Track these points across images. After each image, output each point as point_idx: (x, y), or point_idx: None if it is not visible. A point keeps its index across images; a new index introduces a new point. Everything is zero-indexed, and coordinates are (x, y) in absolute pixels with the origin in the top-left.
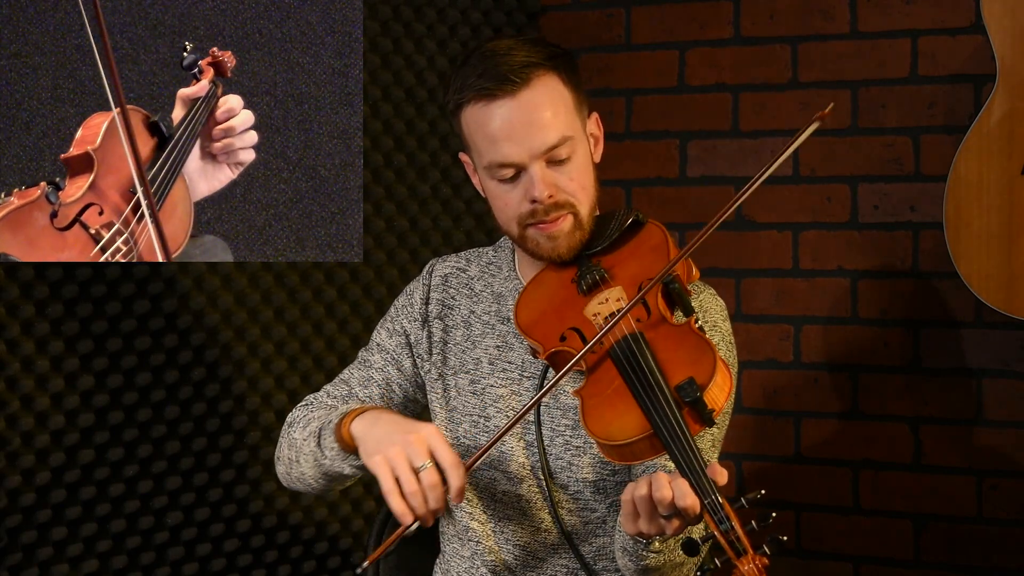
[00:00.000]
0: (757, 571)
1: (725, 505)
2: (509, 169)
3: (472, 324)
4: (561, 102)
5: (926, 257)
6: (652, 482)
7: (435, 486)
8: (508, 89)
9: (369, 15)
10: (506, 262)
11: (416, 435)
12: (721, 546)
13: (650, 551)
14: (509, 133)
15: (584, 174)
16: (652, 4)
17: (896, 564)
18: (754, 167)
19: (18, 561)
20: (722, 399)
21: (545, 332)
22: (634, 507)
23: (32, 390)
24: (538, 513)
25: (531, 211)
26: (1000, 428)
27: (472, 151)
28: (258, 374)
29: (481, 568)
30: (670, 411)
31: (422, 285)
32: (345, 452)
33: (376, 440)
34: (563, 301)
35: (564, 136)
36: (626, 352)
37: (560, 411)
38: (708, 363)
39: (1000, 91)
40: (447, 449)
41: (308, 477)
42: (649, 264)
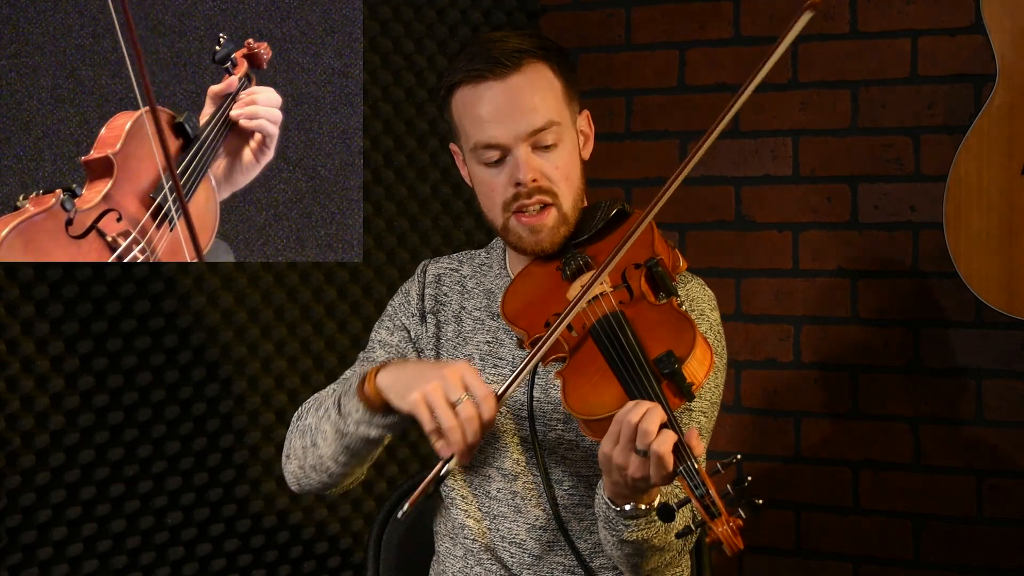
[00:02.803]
0: (731, 532)
1: (701, 470)
2: (495, 151)
3: (463, 320)
4: (550, 90)
5: (926, 257)
6: (645, 414)
7: (472, 419)
8: (498, 72)
9: (369, 15)
10: (497, 261)
11: (450, 369)
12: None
13: (625, 521)
14: (496, 114)
15: (570, 165)
16: (652, 4)
17: (896, 564)
18: (754, 167)
19: (18, 561)
20: (701, 374)
21: (530, 320)
22: (619, 428)
23: (32, 390)
24: (533, 510)
25: (514, 195)
26: (1000, 428)
27: (460, 135)
28: (258, 374)
29: (476, 567)
30: (648, 383)
31: (417, 283)
32: (371, 412)
33: (408, 380)
34: (548, 289)
35: (551, 121)
36: (606, 329)
37: (552, 406)
38: (688, 338)
39: (1000, 91)
40: (480, 382)
41: (327, 458)
42: (634, 250)
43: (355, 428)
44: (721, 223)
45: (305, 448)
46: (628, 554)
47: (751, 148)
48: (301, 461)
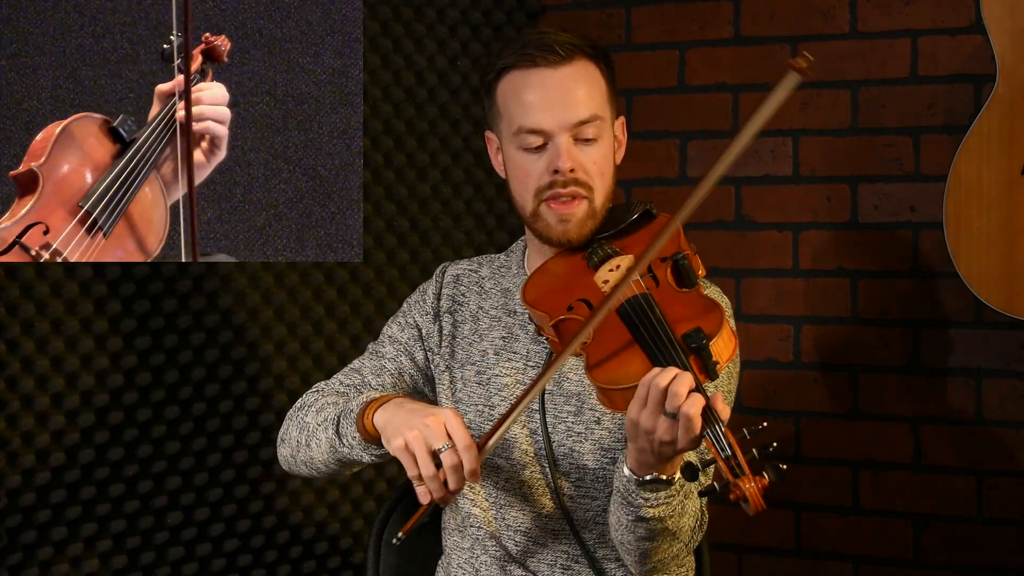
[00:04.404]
0: (757, 490)
1: (727, 433)
2: (538, 137)
3: (480, 319)
4: (596, 87)
5: (926, 257)
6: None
7: (456, 467)
8: (551, 60)
9: (369, 15)
10: (516, 262)
11: (434, 418)
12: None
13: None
14: (544, 101)
15: (605, 162)
16: (652, 4)
17: (896, 564)
18: (754, 167)
19: (18, 561)
20: (726, 355)
21: (552, 303)
22: (647, 391)
23: (32, 390)
24: (540, 499)
25: (550, 182)
26: (1000, 428)
27: (502, 120)
28: (258, 374)
29: (482, 556)
30: (676, 356)
31: (435, 282)
32: (367, 442)
33: (396, 427)
34: (572, 276)
35: (595, 115)
36: (635, 307)
37: (563, 398)
38: (716, 318)
39: (1000, 91)
40: (462, 431)
41: (317, 461)
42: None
43: (350, 451)
44: (721, 223)
45: (300, 444)
46: (640, 537)
47: (751, 148)
48: (294, 451)
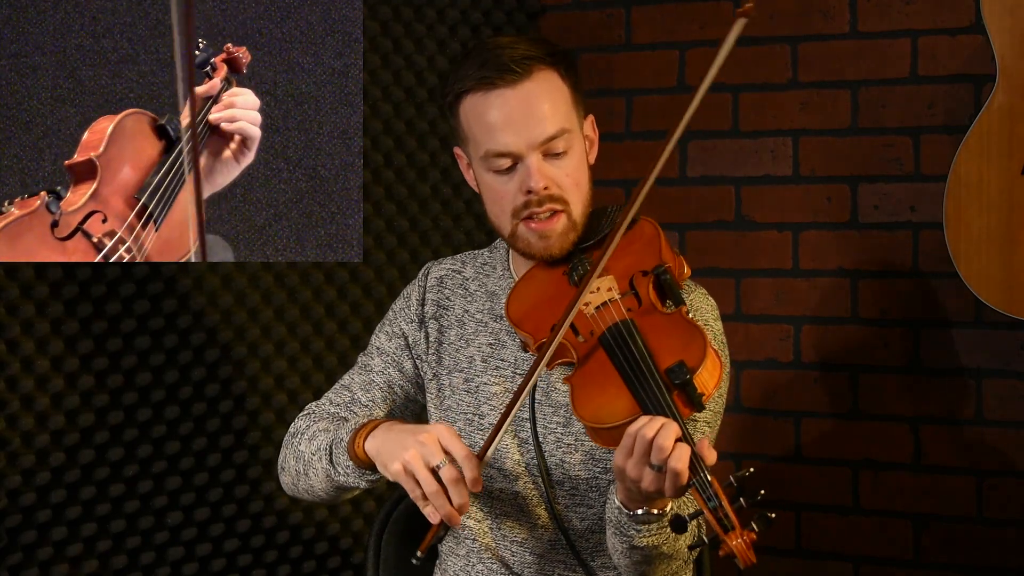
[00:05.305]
0: (745, 546)
1: (714, 482)
2: (506, 159)
3: (466, 323)
4: (560, 96)
5: (926, 257)
6: (661, 429)
7: (456, 481)
8: (509, 79)
9: (369, 15)
10: (500, 261)
11: (427, 435)
12: (709, 524)
13: (637, 526)
14: (508, 122)
15: (579, 171)
16: (652, 4)
17: (896, 564)
18: (754, 167)
19: (18, 561)
20: (711, 384)
21: (536, 324)
22: (632, 442)
23: (32, 390)
24: (535, 510)
25: (525, 202)
26: (1000, 428)
27: (469, 143)
28: (258, 374)
29: (477, 565)
30: (660, 393)
31: (418, 287)
32: (361, 469)
33: (391, 451)
34: (554, 293)
35: (562, 128)
36: (616, 338)
37: (552, 408)
38: (698, 348)
39: (1000, 91)
40: (459, 443)
41: (318, 489)
42: (641, 256)
43: (346, 479)
44: (721, 223)
45: (299, 473)
46: (636, 561)
47: (751, 148)
48: (294, 480)
